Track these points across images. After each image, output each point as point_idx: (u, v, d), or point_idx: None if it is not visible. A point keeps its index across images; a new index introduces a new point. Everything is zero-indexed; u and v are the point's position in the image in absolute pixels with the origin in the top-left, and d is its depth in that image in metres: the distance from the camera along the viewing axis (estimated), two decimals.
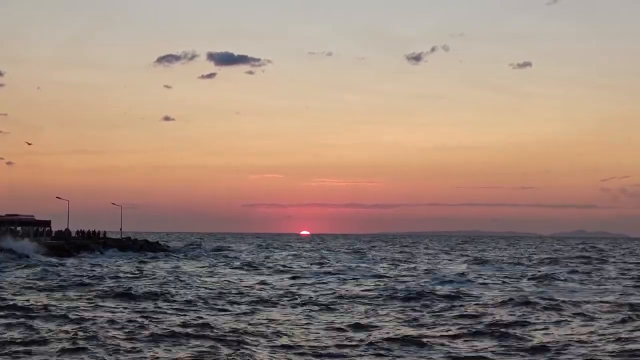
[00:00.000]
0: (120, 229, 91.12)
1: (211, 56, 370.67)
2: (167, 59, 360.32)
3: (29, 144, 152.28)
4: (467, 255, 78.60)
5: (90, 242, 74.89)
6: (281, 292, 32.57)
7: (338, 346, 18.01)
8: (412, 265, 56.87)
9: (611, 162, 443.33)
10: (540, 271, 49.34)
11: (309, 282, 39.40)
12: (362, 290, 33.36)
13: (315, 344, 18.20)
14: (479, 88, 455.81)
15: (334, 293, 32.14)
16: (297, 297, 30.24)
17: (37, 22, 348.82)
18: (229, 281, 39.12)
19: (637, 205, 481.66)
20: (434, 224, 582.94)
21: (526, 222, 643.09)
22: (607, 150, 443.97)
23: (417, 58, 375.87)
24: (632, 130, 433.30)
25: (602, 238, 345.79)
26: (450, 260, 68.35)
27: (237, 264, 57.30)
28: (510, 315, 24.05)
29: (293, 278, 42.18)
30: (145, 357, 16.35)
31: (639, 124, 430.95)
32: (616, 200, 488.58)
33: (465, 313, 24.60)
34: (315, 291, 33.18)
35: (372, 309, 25.98)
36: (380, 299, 29.57)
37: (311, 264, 58.31)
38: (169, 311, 24.57)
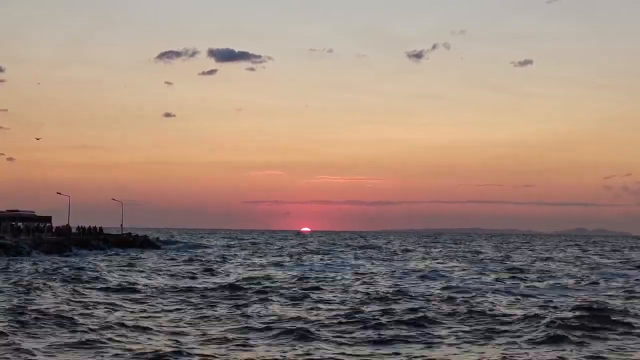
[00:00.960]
0: (121, 225, 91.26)
1: (212, 52, 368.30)
2: (168, 55, 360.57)
3: (37, 139, 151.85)
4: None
5: (91, 238, 74.97)
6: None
7: None
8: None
9: (613, 159, 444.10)
10: None
11: None
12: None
13: None
14: (479, 87, 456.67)
15: None
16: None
17: (37, 21, 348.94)
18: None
19: (639, 202, 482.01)
20: (435, 221, 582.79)
21: (527, 220, 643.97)
22: (609, 148, 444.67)
23: (418, 55, 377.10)
24: (633, 129, 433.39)
25: (603, 236, 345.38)
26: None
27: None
28: None
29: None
30: None
31: (639, 124, 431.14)
32: (618, 198, 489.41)
33: None
34: None
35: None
36: None
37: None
38: None
